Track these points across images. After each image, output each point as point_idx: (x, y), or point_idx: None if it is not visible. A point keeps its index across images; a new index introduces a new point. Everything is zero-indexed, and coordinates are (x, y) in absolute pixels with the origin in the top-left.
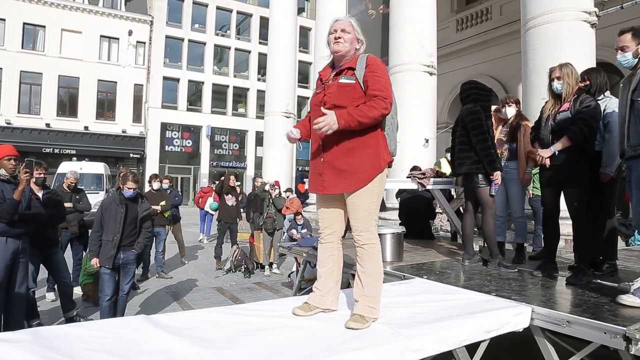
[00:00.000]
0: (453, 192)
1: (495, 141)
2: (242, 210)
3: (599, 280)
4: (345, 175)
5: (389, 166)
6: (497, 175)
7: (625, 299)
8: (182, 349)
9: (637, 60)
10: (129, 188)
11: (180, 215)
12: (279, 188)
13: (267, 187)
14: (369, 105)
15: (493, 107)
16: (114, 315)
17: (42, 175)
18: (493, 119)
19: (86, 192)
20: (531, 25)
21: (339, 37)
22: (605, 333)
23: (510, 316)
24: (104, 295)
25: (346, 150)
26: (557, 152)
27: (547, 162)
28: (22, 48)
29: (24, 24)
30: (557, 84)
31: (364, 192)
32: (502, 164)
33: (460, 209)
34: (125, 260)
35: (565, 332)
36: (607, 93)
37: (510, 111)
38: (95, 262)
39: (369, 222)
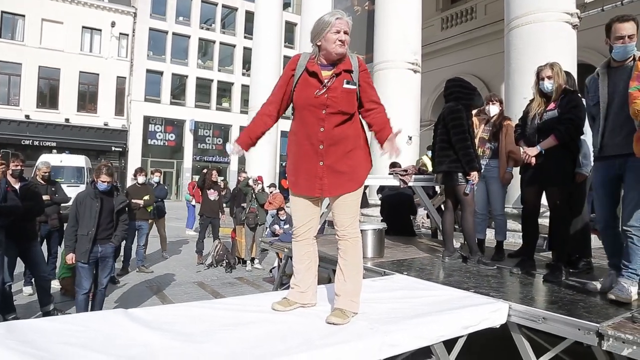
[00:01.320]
0: (437, 189)
1: (478, 139)
2: (225, 204)
3: (575, 278)
4: (346, 177)
5: None
6: (474, 175)
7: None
8: (160, 343)
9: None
10: (103, 181)
11: (165, 210)
12: (262, 183)
13: (250, 182)
14: (385, 114)
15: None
16: (91, 309)
17: (19, 167)
18: (475, 118)
19: (67, 185)
20: (514, 26)
21: (345, 40)
22: (579, 329)
23: (488, 312)
24: (82, 289)
25: (347, 153)
26: (543, 151)
27: (533, 160)
28: (1, 37)
29: (2, 12)
30: (547, 83)
31: (357, 190)
32: (485, 162)
33: (442, 206)
34: (103, 253)
35: (540, 329)
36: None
37: (494, 109)
38: (70, 257)
39: (356, 216)
